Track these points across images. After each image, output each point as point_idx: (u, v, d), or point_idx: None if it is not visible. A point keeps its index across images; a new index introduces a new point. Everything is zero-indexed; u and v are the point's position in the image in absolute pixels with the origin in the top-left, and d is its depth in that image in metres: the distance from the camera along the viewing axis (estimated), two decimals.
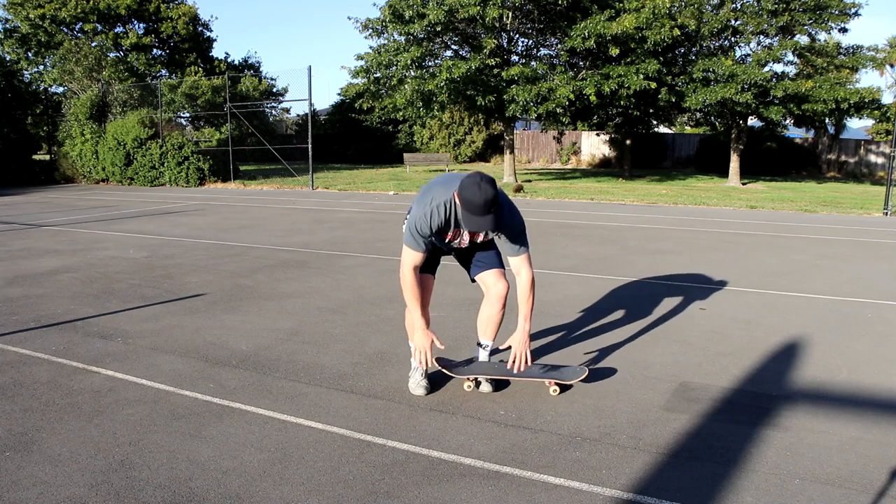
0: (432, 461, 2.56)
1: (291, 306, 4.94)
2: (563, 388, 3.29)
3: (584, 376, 3.24)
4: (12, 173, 19.40)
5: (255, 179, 20.00)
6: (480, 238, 3.19)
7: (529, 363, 3.13)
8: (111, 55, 26.64)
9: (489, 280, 3.24)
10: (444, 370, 3.26)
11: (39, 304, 4.94)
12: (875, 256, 7.44)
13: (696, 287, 5.69)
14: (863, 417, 3.00)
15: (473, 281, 3.37)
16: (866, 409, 3.11)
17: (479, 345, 3.36)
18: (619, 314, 4.79)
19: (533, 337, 4.16)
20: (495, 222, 2.85)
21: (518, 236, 3.08)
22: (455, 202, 2.96)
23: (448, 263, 3.65)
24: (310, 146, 17.67)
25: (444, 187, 3.03)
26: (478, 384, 3.31)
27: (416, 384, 3.27)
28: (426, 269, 3.23)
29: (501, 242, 3.15)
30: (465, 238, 3.15)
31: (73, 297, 5.17)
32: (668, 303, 5.13)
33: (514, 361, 3.10)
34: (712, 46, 19.36)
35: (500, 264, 3.29)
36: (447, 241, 3.16)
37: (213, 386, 3.31)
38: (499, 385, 3.33)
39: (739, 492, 2.34)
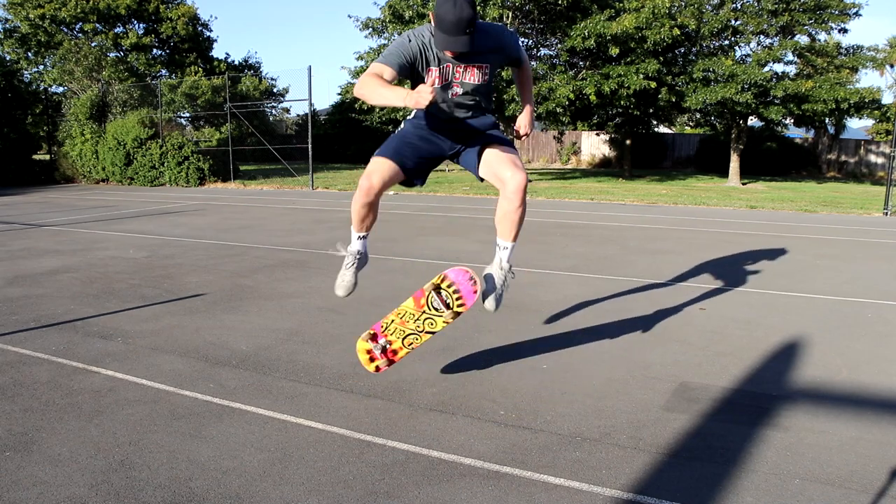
0: (432, 461, 2.56)
1: (291, 306, 4.94)
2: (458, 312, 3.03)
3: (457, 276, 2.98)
4: (12, 173, 19.39)
5: (256, 179, 20.00)
6: (472, 77, 2.81)
7: (529, 131, 3.08)
8: (111, 55, 26.65)
9: (502, 172, 2.87)
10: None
11: (39, 304, 4.94)
12: (875, 256, 7.44)
13: (696, 287, 5.69)
14: (863, 417, 3.00)
15: (482, 180, 3.09)
16: (866, 408, 3.11)
17: (498, 245, 3.08)
18: (619, 314, 4.79)
19: (533, 336, 4.16)
20: (471, 44, 2.58)
21: (521, 55, 2.97)
22: (429, 27, 2.68)
23: (448, 265, 3.65)
24: (310, 146, 17.67)
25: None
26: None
27: (342, 282, 3.10)
28: (412, 165, 2.96)
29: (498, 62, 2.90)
30: (461, 75, 2.80)
31: (73, 297, 5.17)
32: (668, 303, 5.13)
33: (521, 128, 3.08)
34: (712, 46, 19.37)
35: (511, 147, 2.95)
36: (432, 84, 2.70)
37: (213, 386, 3.31)
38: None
39: (739, 492, 2.34)
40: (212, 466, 2.49)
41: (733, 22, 18.42)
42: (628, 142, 24.04)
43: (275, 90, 32.90)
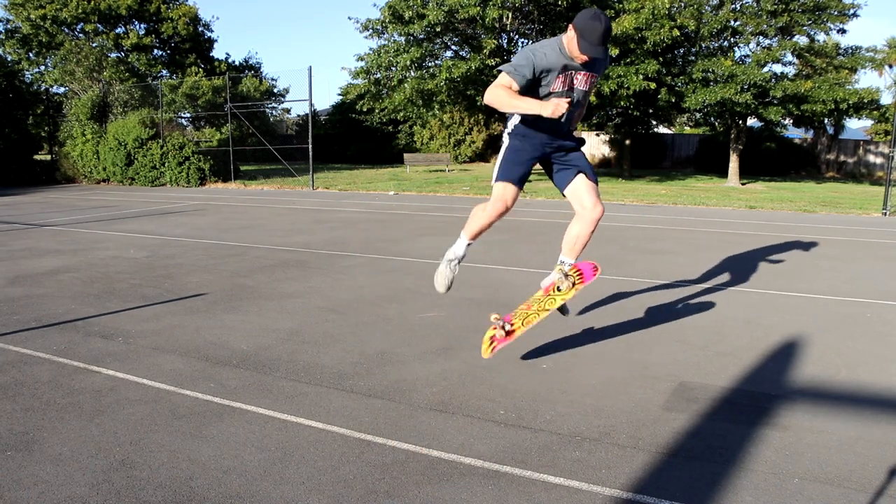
0: (432, 461, 2.57)
1: (292, 306, 4.95)
2: (563, 311, 3.50)
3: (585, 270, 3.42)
4: (13, 173, 19.41)
5: (256, 179, 20.01)
6: (587, 83, 3.20)
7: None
8: (112, 55, 26.68)
9: (587, 201, 3.29)
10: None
11: (40, 304, 4.95)
12: (874, 256, 7.45)
13: (696, 287, 5.70)
14: (862, 417, 3.01)
15: (564, 195, 3.43)
16: (865, 408, 3.12)
17: (562, 262, 3.43)
18: (618, 314, 4.79)
19: (533, 337, 4.16)
20: (606, 54, 3.03)
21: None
22: (562, 40, 3.08)
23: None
24: (310, 146, 17.68)
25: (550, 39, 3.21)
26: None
27: (443, 278, 3.45)
28: (518, 179, 3.33)
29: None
30: (577, 84, 3.17)
31: (74, 297, 5.18)
32: (668, 303, 5.13)
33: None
34: (712, 47, 19.38)
35: (595, 178, 3.36)
36: (554, 91, 3.13)
37: (213, 385, 3.32)
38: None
39: (738, 491, 2.35)
40: (212, 466, 2.50)
41: (732, 22, 18.43)
42: (628, 142, 24.05)
43: (275, 90, 32.93)
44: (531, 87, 3.12)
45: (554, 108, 2.94)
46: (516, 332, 3.42)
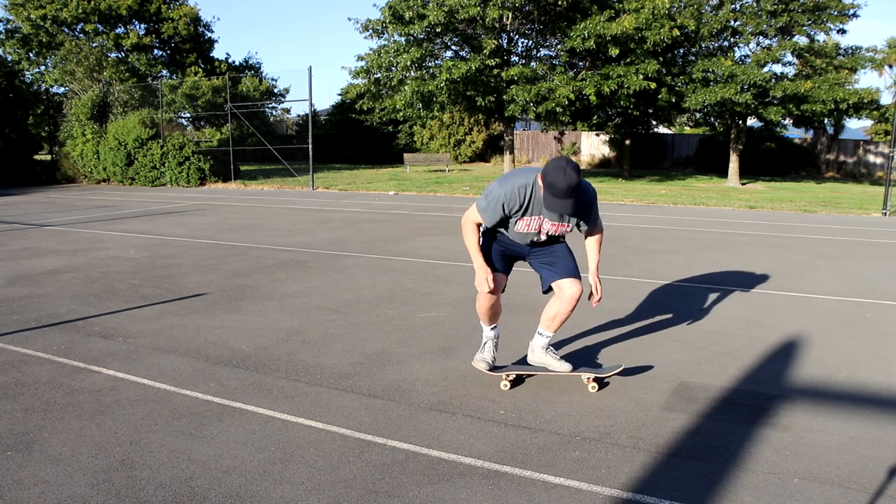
0: (432, 460, 2.57)
1: (291, 306, 4.95)
2: (601, 384, 3.37)
3: (619, 370, 3.36)
4: (14, 173, 19.41)
5: (256, 179, 20.01)
6: (557, 230, 3.24)
7: (601, 296, 3.37)
8: (112, 56, 26.66)
9: (565, 283, 3.33)
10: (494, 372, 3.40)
11: (41, 304, 4.95)
12: (874, 256, 7.45)
13: (696, 287, 5.70)
14: (861, 416, 3.01)
15: (546, 291, 3.44)
16: (865, 408, 3.12)
17: (540, 333, 3.43)
18: (618, 314, 4.79)
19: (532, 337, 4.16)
20: (575, 206, 2.98)
21: (596, 215, 3.30)
22: (537, 185, 3.07)
23: (448, 265, 3.66)
24: (310, 146, 17.68)
25: (530, 173, 3.15)
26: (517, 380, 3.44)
27: (480, 359, 3.41)
28: (501, 269, 3.36)
29: (584, 224, 3.31)
30: (545, 228, 3.22)
31: (75, 297, 5.18)
32: (668, 303, 5.13)
33: (594, 294, 3.35)
34: (712, 47, 19.37)
35: (577, 273, 3.36)
36: (523, 230, 3.22)
37: (213, 385, 3.32)
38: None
39: (738, 491, 2.35)
40: (212, 466, 2.50)
41: (732, 23, 18.41)
42: (628, 142, 24.04)
43: (275, 90, 32.92)
44: (503, 220, 3.20)
45: (481, 283, 3.18)
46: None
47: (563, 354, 3.87)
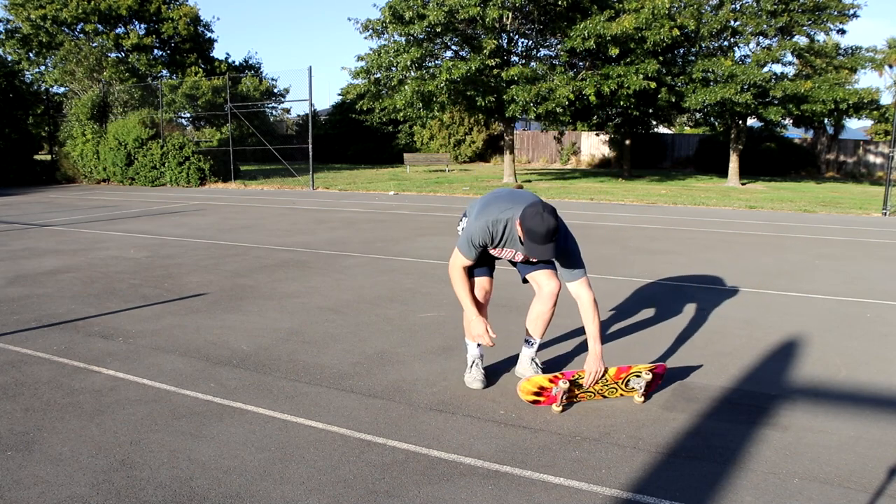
0: (432, 460, 2.57)
1: (292, 306, 4.95)
2: (647, 396, 3.18)
3: (659, 370, 3.18)
4: (14, 173, 19.41)
5: (256, 179, 20.01)
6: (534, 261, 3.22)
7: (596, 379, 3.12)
8: (112, 56, 26.68)
9: (541, 279, 3.29)
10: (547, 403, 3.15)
11: (41, 304, 4.95)
12: (874, 256, 7.45)
13: (695, 287, 5.70)
14: (862, 416, 3.01)
15: (525, 282, 3.42)
16: (865, 408, 3.12)
17: (527, 341, 3.42)
18: (618, 314, 4.80)
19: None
20: (555, 250, 2.92)
21: (575, 261, 3.10)
22: (514, 225, 3.03)
23: (448, 265, 3.66)
24: (310, 146, 17.68)
25: (505, 204, 3.09)
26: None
27: (473, 378, 3.34)
28: (484, 273, 3.33)
29: (557, 266, 3.21)
30: (519, 257, 3.22)
31: (75, 297, 5.18)
32: (668, 303, 5.13)
33: (589, 382, 3.07)
34: (712, 47, 19.37)
35: (553, 265, 3.31)
36: (497, 257, 3.25)
37: (213, 385, 3.32)
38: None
39: (738, 491, 2.35)
40: (212, 466, 2.50)
41: (732, 22, 18.41)
42: (628, 142, 24.04)
43: (275, 90, 32.93)
44: (485, 249, 3.20)
45: (481, 335, 3.10)
46: (566, 400, 3.10)
47: (563, 354, 3.88)
